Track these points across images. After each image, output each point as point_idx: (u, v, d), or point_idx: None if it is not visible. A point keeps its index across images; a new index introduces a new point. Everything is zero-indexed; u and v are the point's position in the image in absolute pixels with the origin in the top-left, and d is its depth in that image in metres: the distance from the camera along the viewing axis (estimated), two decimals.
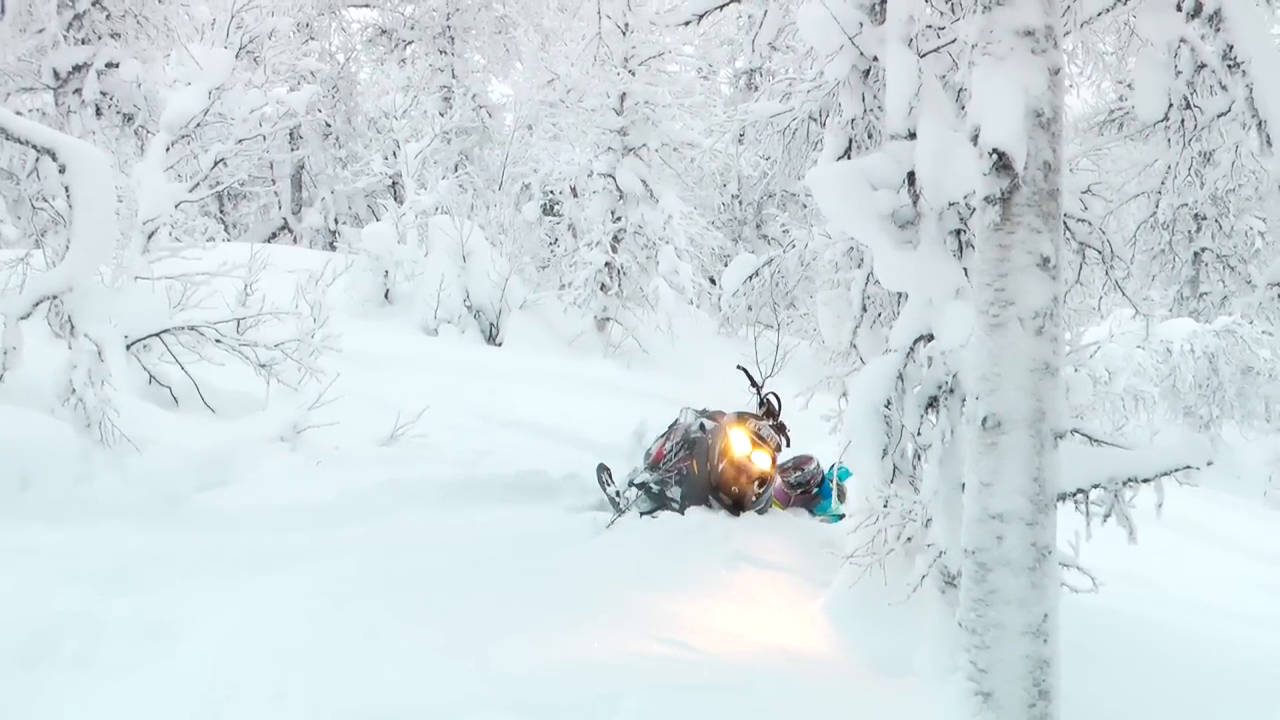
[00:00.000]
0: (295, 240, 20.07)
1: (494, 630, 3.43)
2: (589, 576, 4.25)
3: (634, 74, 13.98)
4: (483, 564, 4.29)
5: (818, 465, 6.90)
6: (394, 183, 17.69)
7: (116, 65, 10.18)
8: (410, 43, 20.33)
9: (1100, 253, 3.64)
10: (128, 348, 5.99)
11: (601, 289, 14.52)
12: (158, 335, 6.16)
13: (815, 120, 4.89)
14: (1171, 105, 3.52)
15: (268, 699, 2.92)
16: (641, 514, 5.50)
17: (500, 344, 13.28)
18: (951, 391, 3.49)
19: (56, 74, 10.21)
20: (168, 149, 6.90)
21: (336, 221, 19.81)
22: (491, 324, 13.31)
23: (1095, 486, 2.78)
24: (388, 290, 13.27)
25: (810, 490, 6.91)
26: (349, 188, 19.29)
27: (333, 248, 18.13)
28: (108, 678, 3.07)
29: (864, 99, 4.34)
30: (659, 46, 14.10)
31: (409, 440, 6.56)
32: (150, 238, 6.57)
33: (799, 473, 6.80)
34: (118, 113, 10.37)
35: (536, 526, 5.19)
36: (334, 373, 6.39)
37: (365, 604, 3.58)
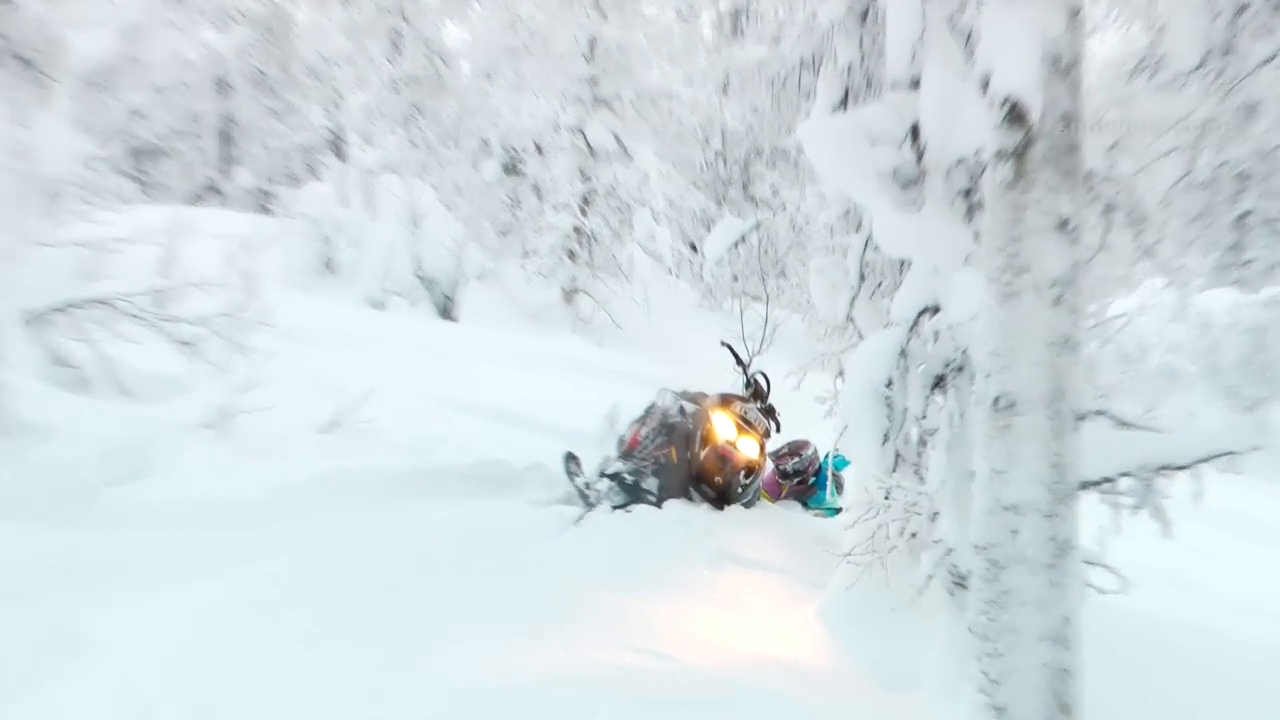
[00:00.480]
0: (224, 202, 19.83)
1: (447, 640, 3.40)
2: (554, 578, 4.24)
3: (605, 16, 13.87)
4: (435, 565, 4.26)
5: (815, 451, 6.92)
6: (336, 138, 17.51)
7: (13, 1, 9.92)
8: None
9: (1129, 215, 3.62)
10: (27, 323, 5.87)
11: (569, 257, 14.48)
12: (63, 309, 6.05)
13: (808, 68, 4.87)
14: (1210, 51, 3.50)
15: None
16: (614, 508, 5.52)
17: (456, 318, 13.23)
18: (960, 369, 3.48)
19: None
20: (74, 98, 6.74)
21: (270, 181, 19.59)
22: (446, 296, 13.28)
23: (1124, 474, 2.77)
24: (329, 259, 13.19)
25: (806, 480, 6.94)
26: (284, 143, 19.07)
27: (267, 211, 17.94)
28: (4, 698, 3.00)
29: (862, 43, 4.32)
30: None
31: (353, 427, 6.54)
32: (54, 199, 6.43)
33: (796, 459, 6.83)
34: (15, 57, 10.12)
35: (496, 522, 5.18)
36: (268, 351, 6.33)
37: (301, 612, 3.53)
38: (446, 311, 13.26)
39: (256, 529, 4.64)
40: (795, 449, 6.96)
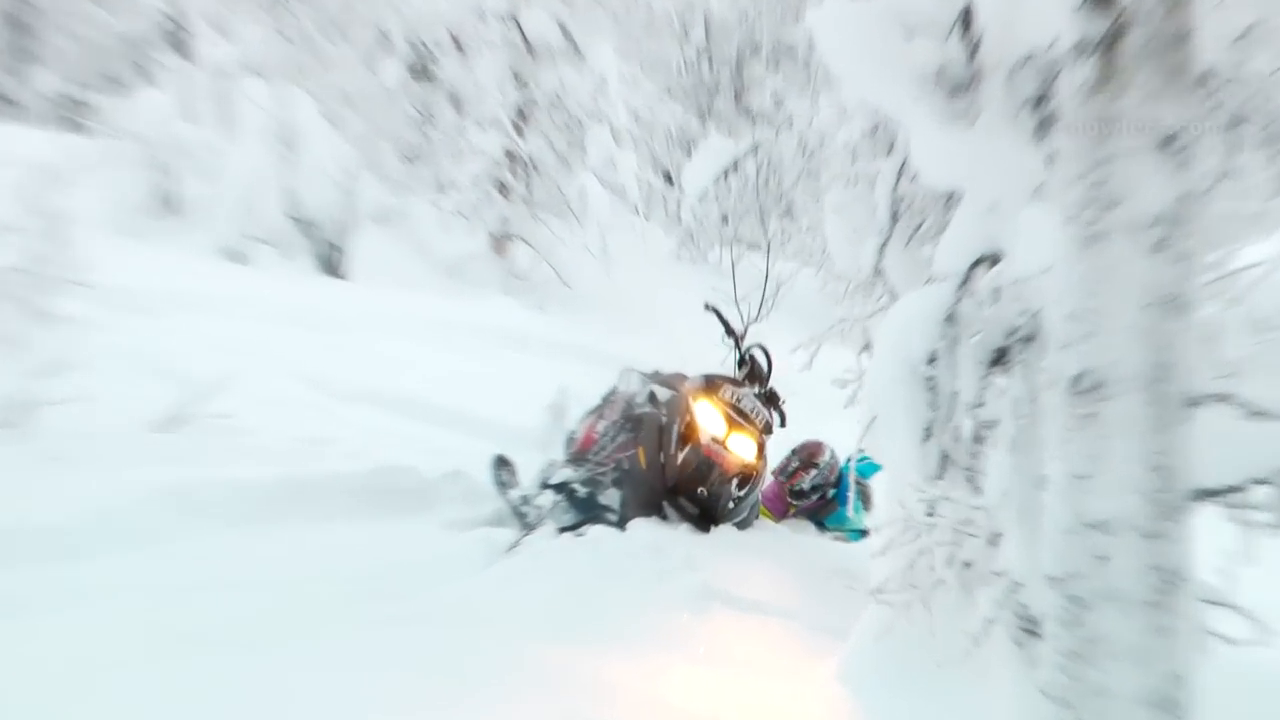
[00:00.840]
0: (15, 115, 19.64)
1: (329, 716, 3.37)
2: (481, 626, 4.24)
3: None
4: (314, 612, 4.25)
5: (833, 455, 6.95)
6: (176, 28, 17.32)
7: None
8: None
9: (1264, 129, 3.64)
10: None
11: (500, 191, 14.44)
12: None
13: None
14: None
15: None
16: (560, 530, 5.56)
17: (345, 275, 13.24)
18: (1029, 339, 3.49)
19: None
20: None
21: (84, 87, 19.41)
22: (332, 245, 13.30)
23: (1258, 482, 2.77)
24: (169, 194, 13.09)
25: (825, 494, 6.96)
26: (103, 35, 18.88)
27: (78, 127, 17.76)
28: None
29: None
30: None
31: (202, 424, 6.54)
32: None
33: (813, 471, 6.89)
34: None
35: (400, 552, 5.20)
36: (83, 321, 6.27)
37: (123, 676, 3.47)
38: (333, 266, 13.24)
39: (66, 563, 4.58)
40: (808, 458, 6.98)
